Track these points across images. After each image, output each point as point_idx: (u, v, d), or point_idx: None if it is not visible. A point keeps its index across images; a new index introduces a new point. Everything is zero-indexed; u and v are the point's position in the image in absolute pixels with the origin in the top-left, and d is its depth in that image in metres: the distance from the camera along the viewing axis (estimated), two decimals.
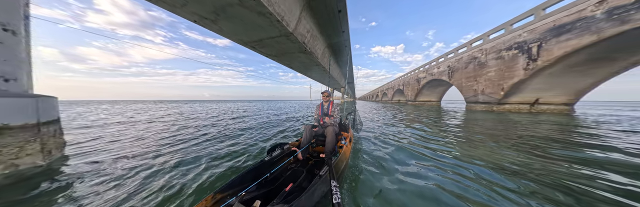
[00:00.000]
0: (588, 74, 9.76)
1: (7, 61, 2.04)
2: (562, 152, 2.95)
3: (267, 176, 1.51)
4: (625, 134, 4.56)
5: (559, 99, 11.54)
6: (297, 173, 1.58)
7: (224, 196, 1.22)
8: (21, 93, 2.21)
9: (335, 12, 10.72)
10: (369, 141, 3.76)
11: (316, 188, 1.14)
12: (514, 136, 4.24)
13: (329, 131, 2.22)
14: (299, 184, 1.43)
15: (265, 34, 10.58)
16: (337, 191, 1.01)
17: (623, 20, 6.79)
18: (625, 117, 9.03)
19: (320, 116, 2.78)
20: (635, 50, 8.01)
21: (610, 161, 2.55)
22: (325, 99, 2.82)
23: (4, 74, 2.01)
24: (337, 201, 0.92)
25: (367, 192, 1.71)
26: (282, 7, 8.39)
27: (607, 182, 1.90)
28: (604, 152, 2.96)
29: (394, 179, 1.96)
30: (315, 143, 2.43)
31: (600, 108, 18.67)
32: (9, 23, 1.95)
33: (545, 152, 2.94)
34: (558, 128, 5.41)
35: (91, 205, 1.53)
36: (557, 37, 8.84)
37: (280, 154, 1.82)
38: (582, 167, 2.32)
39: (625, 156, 2.80)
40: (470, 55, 14.99)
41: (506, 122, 6.67)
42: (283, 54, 14.42)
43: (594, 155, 2.83)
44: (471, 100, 15.28)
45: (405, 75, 32.59)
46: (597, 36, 7.45)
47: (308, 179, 1.57)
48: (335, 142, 2.18)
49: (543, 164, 2.41)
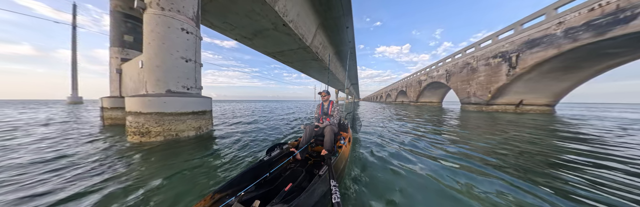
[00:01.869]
0: (561, 79, 11.40)
1: (196, 79, 4.22)
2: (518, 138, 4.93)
3: (266, 176, 1.52)
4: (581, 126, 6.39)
5: (540, 101, 13.15)
6: (297, 173, 1.58)
7: (223, 196, 1.23)
8: (203, 95, 4.39)
9: (343, 28, 13.00)
10: (368, 141, 3.77)
11: (315, 188, 1.14)
12: (491, 129, 5.65)
13: (328, 130, 2.25)
14: (298, 184, 1.44)
15: (287, 47, 13.11)
16: (336, 191, 1.02)
17: (575, 38, 8.55)
18: (591, 116, 10.62)
19: (320, 116, 2.81)
20: (595, 62, 9.67)
21: (557, 143, 4.51)
22: (325, 99, 2.84)
23: (195, 85, 4.22)
24: (337, 200, 0.93)
25: (366, 192, 1.72)
26: (303, 28, 10.79)
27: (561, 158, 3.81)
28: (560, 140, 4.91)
29: (394, 179, 1.97)
30: (315, 143, 2.45)
31: (580, 109, 20.21)
32: (190, 57, 4.11)
33: (506, 135, 4.93)
34: (516, 125, 7.28)
35: (229, 144, 3.64)
36: (530, 49, 10.59)
37: (279, 154, 1.83)
38: (532, 137, 4.31)
39: (566, 140, 4.76)
40: (465, 61, 16.71)
41: (488, 119, 8.54)
42: (298, 61, 17.01)
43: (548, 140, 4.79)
44: (465, 101, 16.96)
45: (408, 78, 34.20)
46: (558, 50, 9.20)
47: (307, 179, 1.58)
48: (333, 142, 2.20)
49: (508, 144, 4.43)
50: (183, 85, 3.91)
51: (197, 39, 4.27)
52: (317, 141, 2.44)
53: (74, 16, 37.39)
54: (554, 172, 2.22)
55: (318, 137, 2.46)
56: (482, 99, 14.71)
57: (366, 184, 1.86)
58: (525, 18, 11.22)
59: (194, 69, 4.18)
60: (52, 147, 3.17)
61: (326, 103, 2.82)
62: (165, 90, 3.70)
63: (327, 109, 2.77)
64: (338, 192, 1.00)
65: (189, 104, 3.83)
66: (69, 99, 34.05)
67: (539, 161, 2.61)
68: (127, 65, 5.67)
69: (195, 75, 4.19)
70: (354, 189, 1.77)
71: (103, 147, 3.17)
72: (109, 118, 5.86)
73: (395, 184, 1.86)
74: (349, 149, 2.33)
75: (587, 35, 8.16)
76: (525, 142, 3.76)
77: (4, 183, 1.87)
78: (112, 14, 6.12)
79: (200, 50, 4.43)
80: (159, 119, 3.44)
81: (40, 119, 7.40)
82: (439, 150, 3.13)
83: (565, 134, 4.76)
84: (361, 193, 1.69)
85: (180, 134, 3.67)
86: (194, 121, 3.90)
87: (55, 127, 5.33)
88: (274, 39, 11.42)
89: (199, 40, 4.33)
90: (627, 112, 15.95)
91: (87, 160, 2.53)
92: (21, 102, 43.65)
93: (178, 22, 3.79)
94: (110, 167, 2.27)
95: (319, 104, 2.93)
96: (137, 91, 4.74)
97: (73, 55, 36.33)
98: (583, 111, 16.42)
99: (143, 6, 3.60)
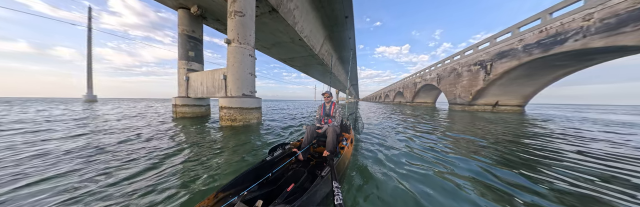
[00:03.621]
0: (526, 85, 13.75)
1: (254, 86, 6.37)
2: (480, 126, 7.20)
3: (268, 176, 1.53)
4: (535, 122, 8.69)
5: (513, 102, 15.52)
6: (299, 173, 1.57)
7: (226, 195, 1.24)
8: (256, 96, 6.56)
9: (346, 39, 15.36)
10: (370, 141, 3.83)
11: (318, 189, 1.14)
12: (468, 123, 8.42)
13: (330, 131, 2.25)
14: (300, 184, 1.43)
15: (298, 54, 15.47)
16: (338, 192, 1.01)
17: (530, 53, 10.87)
18: (556, 115, 12.98)
19: (322, 117, 2.81)
20: (550, 71, 12.00)
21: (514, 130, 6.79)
22: (327, 100, 2.84)
23: (254, 90, 6.39)
24: (339, 202, 0.92)
25: (369, 194, 1.70)
26: (314, 40, 13.13)
27: (519, 142, 6.15)
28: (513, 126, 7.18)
29: (397, 181, 1.96)
30: (317, 144, 2.44)
31: (556, 110, 22.78)
32: (252, 72, 6.24)
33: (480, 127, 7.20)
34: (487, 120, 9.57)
35: (271, 130, 5.88)
36: (500, 60, 12.91)
37: (282, 155, 1.84)
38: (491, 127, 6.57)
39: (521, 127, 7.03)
40: (452, 66, 19.04)
41: (468, 116, 10.85)
42: (305, 65, 19.44)
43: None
44: (452, 102, 19.31)
45: (405, 79, 36.55)
46: (519, 61, 11.52)
47: (309, 180, 1.58)
48: (336, 143, 2.20)
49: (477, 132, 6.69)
50: (250, 91, 6.17)
51: (254, 59, 6.51)
52: (319, 142, 2.48)
53: (89, 19, 39.29)
54: (507, 148, 4.50)
55: (320, 138, 2.49)
56: (465, 100, 17.05)
57: (369, 186, 1.85)
58: (518, 24, 13.53)
59: (253, 79, 6.42)
60: (171, 129, 5.40)
61: (328, 104, 2.85)
62: (242, 94, 5.95)
63: (329, 110, 2.79)
64: (340, 193, 1.00)
65: (253, 102, 6.08)
66: (85, 97, 36.07)
67: (502, 140, 4.80)
68: (194, 75, 7.89)
69: (254, 84, 6.44)
70: (357, 191, 1.75)
71: (205, 128, 5.40)
72: (179, 112, 8.11)
73: (400, 186, 1.85)
74: (351, 150, 2.33)
75: (538, 51, 10.49)
76: (491, 132, 5.61)
77: (165, 137, 4.13)
78: (180, 36, 8.34)
79: (255, 66, 6.67)
80: (240, 112, 5.69)
81: (110, 114, 9.64)
82: (436, 146, 3.54)
83: (526, 127, 7.07)
84: (364, 195, 1.68)
85: (250, 121, 5.93)
86: (255, 113, 6.15)
87: (147, 119, 7.55)
88: (288, 49, 13.72)
89: (254, 60, 6.57)
90: (591, 112, 18.40)
91: (204, 134, 4.78)
92: (27, 100, 45.38)
93: (247, 51, 6.02)
94: (221, 135, 4.49)
95: (320, 105, 2.96)
96: (213, 93, 7.00)
97: (88, 57, 38.28)
98: (551, 111, 18.88)
99: (228, 42, 5.83)
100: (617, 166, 2.56)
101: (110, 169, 2.25)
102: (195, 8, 7.94)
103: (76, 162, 2.50)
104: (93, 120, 6.87)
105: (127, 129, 5.10)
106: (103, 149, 3.11)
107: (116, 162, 2.49)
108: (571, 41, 8.95)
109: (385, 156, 2.84)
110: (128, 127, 5.41)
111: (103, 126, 5.49)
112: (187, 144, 3.52)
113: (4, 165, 2.36)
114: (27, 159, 2.58)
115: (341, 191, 1.06)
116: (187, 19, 8.24)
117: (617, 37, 7.42)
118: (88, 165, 2.39)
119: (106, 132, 4.56)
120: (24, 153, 2.83)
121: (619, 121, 9.26)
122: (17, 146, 3.22)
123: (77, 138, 3.92)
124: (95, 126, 5.59)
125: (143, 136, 4.16)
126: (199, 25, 8.68)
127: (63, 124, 5.72)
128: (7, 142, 3.50)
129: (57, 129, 4.87)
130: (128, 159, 2.64)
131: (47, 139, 3.83)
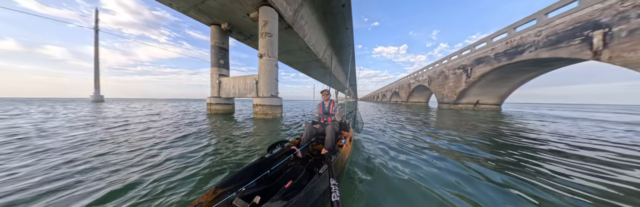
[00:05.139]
0: (501, 86, 16.00)
1: (277, 89, 8.30)
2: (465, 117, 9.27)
3: (266, 173, 1.56)
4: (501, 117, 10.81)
5: (491, 101, 17.78)
6: (297, 171, 1.58)
7: (225, 191, 1.26)
8: (275, 97, 8.51)
9: (346, 45, 17.44)
10: (369, 140, 3.90)
11: (315, 186, 1.16)
12: (451, 119, 10.50)
13: (329, 129, 2.27)
14: (298, 181, 1.45)
15: (304, 59, 17.53)
16: (336, 189, 1.03)
17: (499, 60, 13.06)
18: (527, 113, 15.23)
19: (321, 115, 2.84)
20: (518, 75, 14.23)
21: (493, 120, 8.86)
22: (326, 98, 2.86)
23: (277, 92, 8.34)
24: (336, 199, 0.94)
25: (366, 192, 1.74)
26: (318, 47, 15.17)
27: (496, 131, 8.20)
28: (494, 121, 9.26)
29: (393, 178, 2.02)
30: (316, 142, 2.49)
31: (527, 108, 25.59)
32: (276, 78, 8.22)
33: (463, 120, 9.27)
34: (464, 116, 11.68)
35: (291, 118, 7.86)
36: (478, 65, 15.11)
37: (280, 152, 1.87)
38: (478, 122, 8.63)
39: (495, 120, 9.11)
40: (441, 69, 21.24)
41: (452, 114, 12.97)
42: (309, 68, 21.49)
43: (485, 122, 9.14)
44: (440, 101, 21.54)
45: (401, 80, 38.81)
46: (491, 67, 13.71)
47: (307, 177, 1.60)
48: (334, 141, 2.23)
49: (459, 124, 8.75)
50: (276, 92, 8.16)
51: (278, 68, 8.45)
52: (318, 140, 2.52)
53: (96, 21, 40.38)
54: (482, 135, 6.54)
55: (319, 136, 2.54)
56: (451, 99, 19.27)
57: (366, 183, 1.90)
58: (509, 28, 15.72)
59: (277, 84, 8.39)
60: (224, 122, 7.32)
61: (327, 102, 2.87)
62: (270, 95, 7.92)
63: (328, 109, 2.83)
64: (337, 190, 1.02)
65: (278, 101, 8.06)
66: (92, 97, 37.42)
67: (476, 130, 6.92)
68: (225, 79, 9.81)
69: (277, 87, 8.42)
70: (354, 188, 1.80)
71: (246, 121, 7.33)
72: (212, 109, 10.03)
73: (396, 183, 1.90)
74: (349, 148, 2.39)
75: (505, 59, 12.68)
76: (470, 124, 8.08)
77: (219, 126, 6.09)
78: (212, 47, 10.25)
79: (278, 74, 8.62)
80: (270, 108, 7.67)
81: (143, 113, 11.49)
82: (430, 142, 3.86)
83: (497, 120, 9.18)
84: (361, 192, 1.72)
85: (276, 115, 7.90)
86: (279, 109, 8.14)
87: (190, 115, 9.44)
88: (295, 55, 15.71)
89: (278, 68, 8.51)
90: (558, 111, 20.82)
91: (243, 123, 6.73)
92: (23, 101, 46.26)
93: (273, 62, 7.98)
94: (254, 123, 6.45)
95: (319, 103, 2.97)
96: (244, 94, 8.96)
97: (96, 59, 39.38)
98: (528, 110, 21.25)
99: (261, 55, 7.78)
100: (530, 138, 4.62)
101: (231, 137, 4.23)
102: (225, 25, 9.84)
103: (202, 136, 4.47)
104: (161, 117, 8.77)
105: (195, 122, 7.01)
106: (206, 131, 5.05)
107: (226, 135, 4.46)
108: (527, 52, 11.13)
109: (382, 154, 2.93)
110: (195, 121, 7.31)
111: (181, 122, 7.41)
112: (249, 129, 5.46)
113: (149, 136, 4.32)
114: (178, 136, 4.54)
115: (338, 188, 1.08)
116: (218, 33, 10.14)
117: (557, 50, 9.61)
118: (211, 138, 4.37)
119: (193, 125, 6.49)
120: (178, 133, 4.79)
121: (568, 116, 11.49)
122: (152, 129, 5.16)
123: (191, 125, 5.88)
124: (175, 121, 7.49)
125: (216, 126, 6.08)
126: (226, 37, 10.58)
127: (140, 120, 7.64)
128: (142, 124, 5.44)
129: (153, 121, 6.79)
130: (224, 136, 4.61)
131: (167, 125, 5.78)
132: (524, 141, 4.07)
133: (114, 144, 3.47)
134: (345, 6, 10.71)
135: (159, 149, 3.13)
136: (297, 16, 9.74)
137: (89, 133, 4.43)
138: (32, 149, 3.05)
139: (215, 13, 8.92)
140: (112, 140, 3.77)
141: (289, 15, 9.08)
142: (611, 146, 3.73)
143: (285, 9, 8.55)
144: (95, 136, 4.10)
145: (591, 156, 3.02)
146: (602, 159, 2.86)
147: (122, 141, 3.72)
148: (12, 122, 5.96)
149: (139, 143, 3.53)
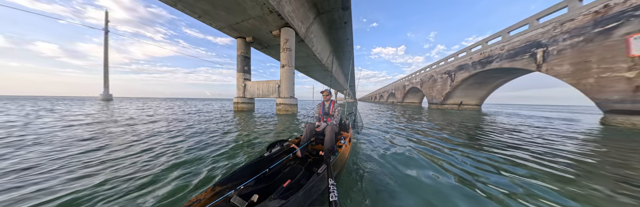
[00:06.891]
0: (480, 89, 18.59)
1: (294, 91, 10.60)
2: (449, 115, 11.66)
3: (265, 172, 1.57)
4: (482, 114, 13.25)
5: (472, 102, 20.37)
6: (296, 170, 1.60)
7: (223, 189, 1.27)
8: (293, 98, 10.80)
9: (347, 52, 19.86)
10: (368, 140, 3.99)
11: (313, 185, 1.16)
12: (439, 116, 12.88)
13: (328, 129, 2.28)
14: (296, 181, 1.46)
15: (308, 63, 19.98)
16: (334, 189, 1.03)
17: (475, 67, 15.59)
18: (503, 112, 17.79)
19: (321, 115, 2.86)
20: (492, 79, 16.80)
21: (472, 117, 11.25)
22: (326, 98, 2.89)
23: (293, 93, 10.64)
24: (334, 199, 0.94)
25: (364, 192, 1.76)
26: (322, 54, 17.62)
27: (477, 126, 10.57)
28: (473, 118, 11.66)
29: (393, 179, 2.04)
30: (315, 141, 2.50)
31: (508, 109, 28.50)
32: (293, 82, 10.48)
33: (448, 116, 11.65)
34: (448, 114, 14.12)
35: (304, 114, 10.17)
36: (459, 71, 17.65)
37: (280, 151, 1.88)
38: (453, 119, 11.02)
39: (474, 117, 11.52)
40: (431, 74, 23.78)
41: (441, 112, 15.41)
42: (312, 71, 23.92)
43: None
44: (430, 102, 24.10)
45: (397, 82, 41.41)
46: (469, 73, 16.25)
47: (306, 177, 1.60)
48: (334, 141, 2.24)
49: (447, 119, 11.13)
50: (293, 94, 10.46)
51: (294, 75, 10.75)
52: (317, 140, 2.54)
53: (106, 22, 42.08)
54: (464, 129, 8.92)
55: (318, 136, 2.55)
56: (439, 100, 21.82)
57: (365, 184, 1.92)
58: (494, 35, 18.26)
59: (293, 87, 10.70)
60: (254, 118, 9.61)
61: (327, 102, 2.91)
62: (290, 96, 10.23)
63: (328, 109, 2.86)
64: (336, 190, 1.02)
65: (294, 101, 10.40)
66: (101, 96, 39.20)
67: (459, 124, 9.29)
68: (250, 83, 12.10)
69: (294, 89, 10.73)
70: (352, 188, 1.82)
71: (272, 116, 9.61)
72: (239, 107, 12.33)
73: (395, 183, 1.92)
74: (349, 149, 2.40)
75: (479, 67, 15.21)
76: (455, 121, 10.47)
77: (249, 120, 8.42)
78: (238, 57, 12.53)
79: (294, 78, 10.91)
80: (290, 106, 10.02)
81: (170, 112, 13.69)
82: (426, 141, 4.01)
83: (478, 117, 11.62)
84: (359, 193, 1.74)
85: (294, 111, 10.22)
86: (295, 107, 10.47)
87: (221, 112, 11.68)
88: (303, 60, 18.07)
89: (294, 75, 10.80)
90: (535, 111, 23.55)
91: (271, 118, 9.04)
92: (21, 99, 47.43)
93: (292, 70, 10.31)
94: (276, 117, 8.77)
95: (319, 103, 3.02)
96: (267, 95, 11.25)
97: (105, 58, 41.03)
98: (508, 110, 24.05)
99: (283, 66, 10.08)
100: (492, 129, 7.01)
101: (262, 125, 6.53)
102: (250, 38, 12.12)
103: (240, 127, 6.78)
104: (198, 115, 10.99)
105: (235, 118, 9.25)
106: (252, 122, 7.34)
107: (261, 123, 6.77)
108: (495, 62, 13.66)
109: (381, 154, 2.94)
110: (236, 117, 9.57)
111: (217, 118, 9.66)
112: (276, 121, 7.74)
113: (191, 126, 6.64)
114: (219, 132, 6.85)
115: (337, 188, 1.09)
116: (243, 45, 12.42)
117: (514, 62, 12.12)
118: (246, 127, 6.68)
119: (246, 118, 8.74)
120: (246, 120, 7.08)
121: (540, 115, 14.00)
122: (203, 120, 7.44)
123: (231, 120, 8.14)
124: (211, 118, 9.74)
125: (254, 119, 8.34)
126: (249, 48, 12.87)
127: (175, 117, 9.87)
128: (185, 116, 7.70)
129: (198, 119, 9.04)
130: (259, 126, 6.92)
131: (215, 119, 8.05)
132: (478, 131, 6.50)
133: (238, 126, 5.84)
134: (347, 23, 13.08)
135: (245, 125, 5.48)
136: (308, 32, 12.07)
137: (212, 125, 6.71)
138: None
139: (245, 30, 11.19)
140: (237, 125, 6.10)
141: (303, 32, 11.40)
142: (505, 125, 6.30)
143: (300, 27, 10.87)
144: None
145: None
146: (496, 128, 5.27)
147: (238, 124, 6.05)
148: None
149: (240, 127, 5.92)
